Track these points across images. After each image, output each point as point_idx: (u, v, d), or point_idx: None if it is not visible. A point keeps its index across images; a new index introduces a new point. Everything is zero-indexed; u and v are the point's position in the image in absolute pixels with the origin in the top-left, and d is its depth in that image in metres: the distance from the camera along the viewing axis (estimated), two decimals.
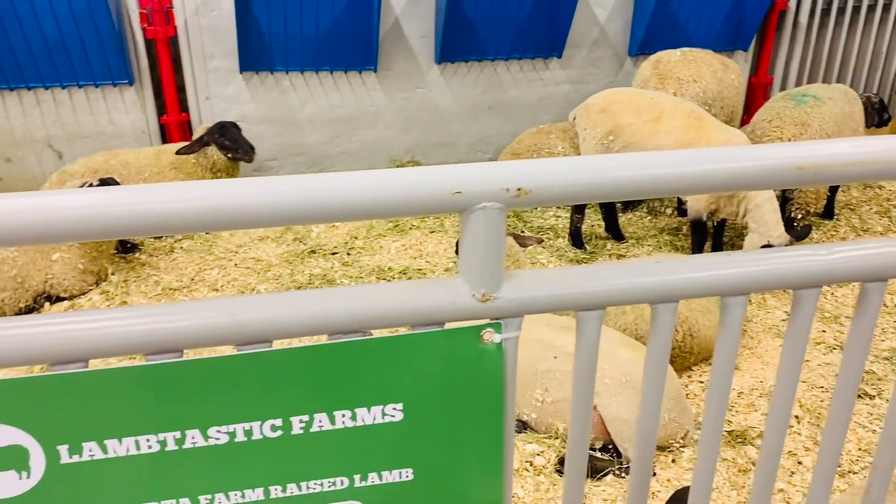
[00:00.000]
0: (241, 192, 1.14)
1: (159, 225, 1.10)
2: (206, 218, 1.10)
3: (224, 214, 1.11)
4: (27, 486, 1.22)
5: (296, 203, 1.14)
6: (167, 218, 1.10)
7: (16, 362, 1.16)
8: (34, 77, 5.31)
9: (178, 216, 1.09)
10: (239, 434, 1.26)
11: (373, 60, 5.78)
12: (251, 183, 1.17)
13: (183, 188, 1.14)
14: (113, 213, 1.09)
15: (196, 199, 1.13)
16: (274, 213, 1.14)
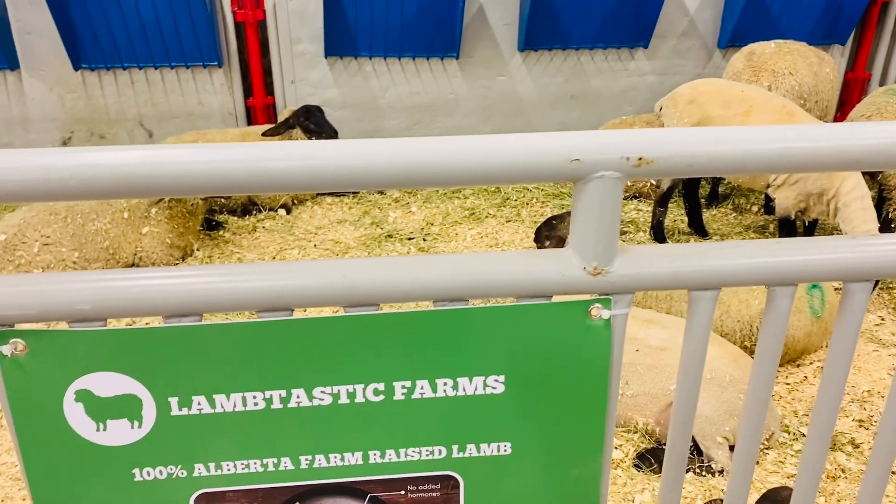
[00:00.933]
0: (359, 152, 1.13)
1: (283, 182, 1.11)
2: (332, 175, 1.10)
3: (342, 174, 1.11)
4: (138, 436, 1.25)
5: (410, 165, 1.13)
6: (290, 175, 1.10)
7: (133, 313, 1.18)
8: (130, 57, 5.50)
9: (301, 173, 1.10)
10: (342, 396, 1.26)
11: (455, 47, 5.77)
12: (364, 144, 1.16)
13: (300, 146, 1.14)
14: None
15: (313, 158, 1.13)
16: (390, 174, 1.13)
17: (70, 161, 1.07)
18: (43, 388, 1.20)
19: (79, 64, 5.51)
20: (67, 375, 1.20)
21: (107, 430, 1.24)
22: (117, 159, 1.08)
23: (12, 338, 1.17)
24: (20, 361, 1.18)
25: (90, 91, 5.69)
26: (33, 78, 5.60)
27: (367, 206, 5.63)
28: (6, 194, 1.06)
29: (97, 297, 1.15)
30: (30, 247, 4.19)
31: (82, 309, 1.15)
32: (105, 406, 1.22)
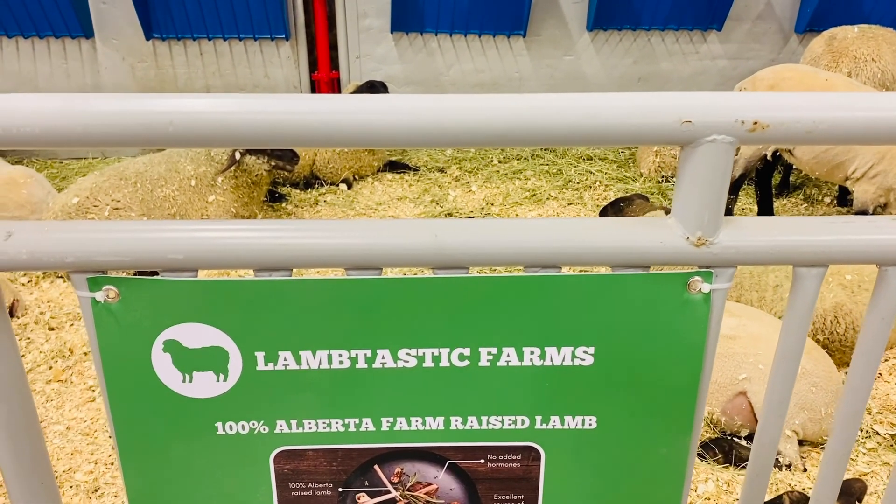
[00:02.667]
0: (462, 106, 1.10)
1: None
2: (443, 129, 1.06)
3: (448, 128, 1.07)
4: (223, 389, 1.25)
5: (514, 123, 1.09)
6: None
7: (223, 265, 1.18)
8: (200, 28, 5.56)
9: (381, 127, 1.06)
10: (427, 359, 1.24)
11: (523, 25, 5.68)
12: (464, 99, 1.12)
13: (391, 100, 1.11)
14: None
15: (402, 111, 1.10)
16: (492, 131, 1.09)
17: (171, 107, 1.06)
18: (132, 336, 1.20)
19: (150, 34, 5.59)
20: (157, 324, 1.20)
21: (192, 382, 1.24)
22: (217, 107, 1.07)
23: (105, 284, 1.17)
24: (111, 308, 1.18)
25: (160, 61, 5.78)
26: (106, 47, 5.71)
27: (427, 183, 5.61)
28: (105, 137, 1.06)
29: (190, 247, 1.15)
30: (101, 210, 4.29)
31: (175, 258, 1.15)
32: (192, 357, 1.22)
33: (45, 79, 5.77)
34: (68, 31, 5.54)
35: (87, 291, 1.17)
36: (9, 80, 5.74)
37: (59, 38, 5.60)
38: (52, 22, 5.45)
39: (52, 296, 4.14)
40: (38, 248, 1.13)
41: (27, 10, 5.35)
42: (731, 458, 3.03)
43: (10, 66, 5.71)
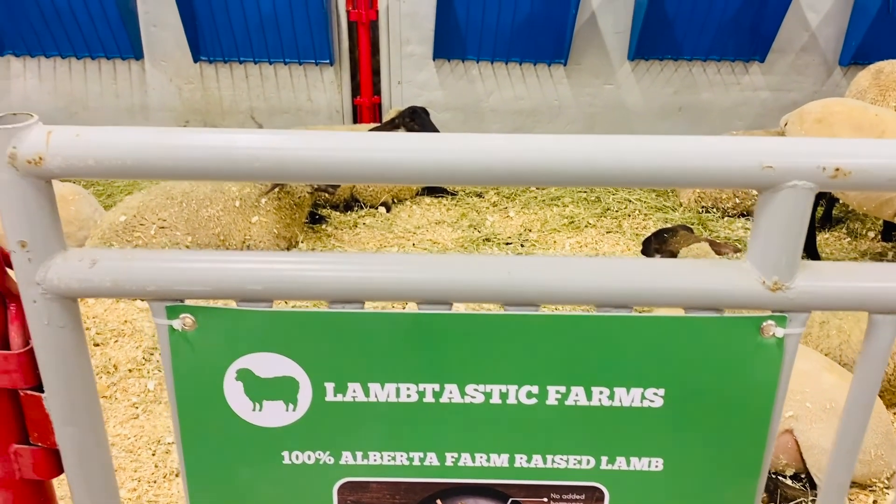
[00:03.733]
0: (539, 147, 1.11)
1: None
2: (517, 168, 1.07)
3: (527, 167, 1.08)
4: (292, 419, 1.26)
5: (593, 163, 1.10)
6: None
7: (299, 296, 1.19)
8: (246, 52, 5.68)
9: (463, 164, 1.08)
10: (495, 396, 1.24)
11: (564, 54, 5.71)
12: (540, 140, 1.14)
13: (460, 139, 1.12)
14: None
15: (490, 151, 1.12)
16: (573, 172, 1.10)
17: (256, 143, 1.08)
18: (206, 363, 1.23)
19: (198, 56, 5.72)
20: (231, 353, 1.22)
21: (262, 411, 1.25)
22: (300, 144, 1.09)
23: (182, 312, 1.20)
24: (188, 336, 1.21)
25: (206, 83, 5.90)
26: (155, 68, 5.85)
27: (465, 208, 5.63)
28: (193, 171, 1.08)
29: (267, 278, 1.17)
30: (147, 228, 4.37)
31: (253, 289, 1.17)
32: (263, 386, 1.24)
33: (95, 98, 5.92)
34: (119, 53, 5.69)
35: (165, 319, 1.20)
36: (61, 99, 5.90)
37: (111, 59, 5.75)
38: (105, 44, 5.60)
39: (97, 311, 4.22)
40: (121, 276, 1.16)
41: (81, 32, 5.51)
42: (777, 497, 2.97)
43: (63, 86, 5.87)
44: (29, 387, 1.27)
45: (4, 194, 1.10)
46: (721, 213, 5.51)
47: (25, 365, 1.25)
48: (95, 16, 5.41)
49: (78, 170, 1.08)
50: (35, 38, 5.58)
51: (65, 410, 1.26)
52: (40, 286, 1.15)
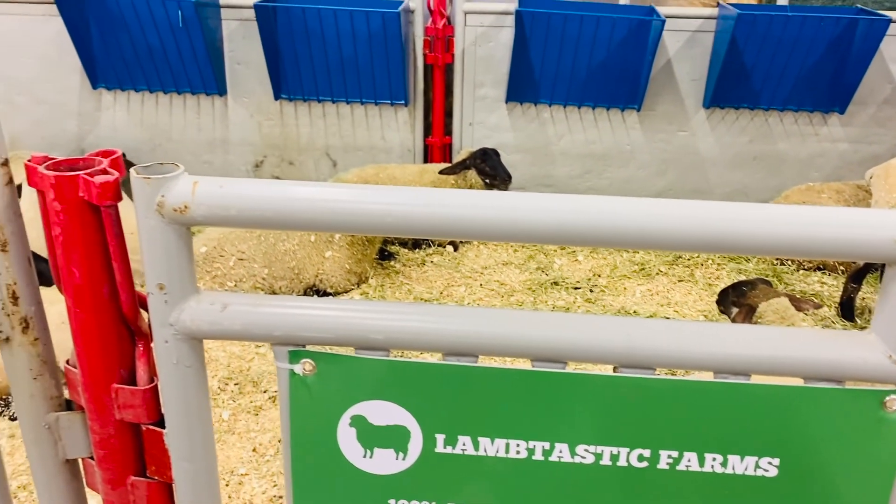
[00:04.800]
0: (658, 213, 1.12)
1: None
2: (645, 233, 1.09)
3: (655, 233, 1.10)
4: (401, 467, 1.28)
5: (723, 231, 1.10)
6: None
7: (416, 347, 1.22)
8: (325, 91, 5.84)
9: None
10: (605, 457, 1.24)
11: (638, 99, 5.71)
12: (666, 204, 1.15)
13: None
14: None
15: (588, 212, 1.13)
16: (692, 237, 1.11)
17: (390, 199, 1.12)
18: (323, 408, 1.26)
19: (279, 94, 5.91)
20: (347, 399, 1.25)
21: (373, 458, 1.28)
22: (430, 201, 1.12)
23: (304, 357, 1.23)
24: (307, 381, 1.24)
25: (286, 120, 6.09)
26: (237, 104, 6.07)
27: (532, 251, 5.63)
28: (330, 224, 1.13)
29: (387, 328, 1.20)
30: (226, 260, 4.50)
31: (374, 338, 1.20)
32: (376, 434, 1.26)
33: (178, 131, 6.16)
34: (204, 89, 5.92)
35: (287, 363, 1.24)
36: (146, 130, 6.16)
37: (196, 94, 5.99)
38: (191, 79, 5.84)
39: None
40: (249, 320, 1.21)
41: (170, 68, 5.76)
42: None
43: (149, 118, 6.13)
44: (151, 422, 1.32)
45: (149, 239, 1.16)
46: (796, 266, 5.38)
47: (150, 401, 1.31)
48: (185, 53, 5.66)
49: (220, 219, 1.14)
50: (126, 72, 5.86)
51: (183, 447, 1.30)
52: (173, 327, 1.21)
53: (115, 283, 1.23)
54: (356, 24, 5.37)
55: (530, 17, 5.35)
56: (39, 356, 1.33)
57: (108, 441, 1.33)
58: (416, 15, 5.64)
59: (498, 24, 5.70)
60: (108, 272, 1.23)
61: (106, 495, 1.40)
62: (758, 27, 5.27)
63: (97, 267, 1.21)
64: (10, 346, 1.30)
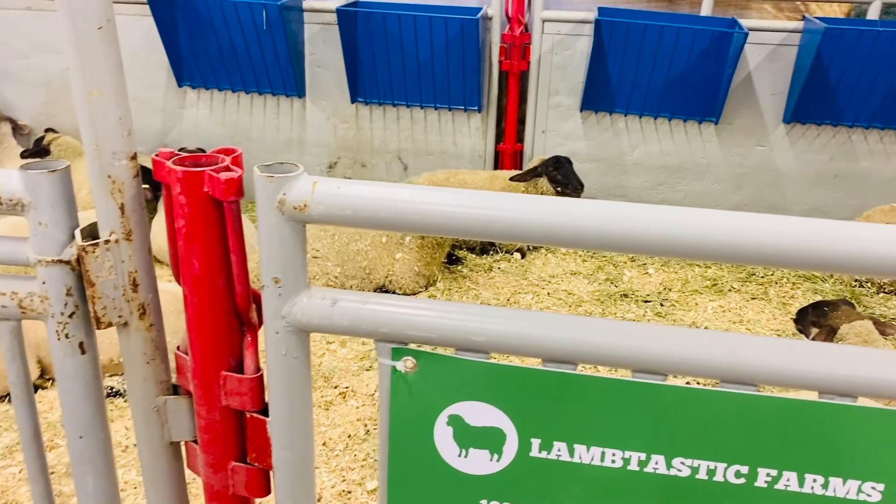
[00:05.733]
0: (753, 227, 1.11)
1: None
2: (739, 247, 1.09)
3: (749, 247, 1.09)
4: (494, 468, 1.30)
5: (820, 248, 1.09)
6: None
7: (517, 352, 1.24)
8: (401, 96, 5.93)
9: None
10: (701, 471, 1.23)
11: (716, 112, 5.62)
12: (760, 219, 1.14)
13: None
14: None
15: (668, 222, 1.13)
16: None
17: (495, 205, 1.15)
18: (421, 405, 1.29)
19: (355, 98, 6.02)
20: (445, 399, 1.28)
21: (467, 458, 1.30)
22: (554, 210, 1.15)
23: (406, 355, 1.27)
24: (408, 378, 1.28)
25: (360, 123, 6.20)
26: (315, 106, 6.20)
27: (602, 261, 5.59)
28: (444, 227, 1.16)
29: (490, 331, 1.22)
30: None
31: (476, 340, 1.22)
32: (472, 434, 1.29)
33: (257, 130, 6.34)
34: (284, 90, 6.08)
35: (389, 360, 1.27)
36: (227, 129, 6.35)
37: (276, 95, 6.15)
38: (272, 81, 6.00)
39: None
40: (357, 316, 1.25)
41: (253, 69, 5.93)
42: None
43: (230, 118, 6.33)
44: (255, 410, 1.38)
45: (268, 235, 1.21)
46: (876, 289, 5.20)
47: (255, 390, 1.36)
48: (267, 55, 5.82)
49: (336, 218, 1.19)
50: (211, 72, 6.06)
51: (285, 435, 1.35)
52: (285, 319, 1.26)
53: (230, 276, 1.29)
54: (435, 29, 5.43)
55: (609, 27, 5.32)
56: (153, 341, 1.40)
57: (213, 426, 1.40)
58: (494, 22, 5.67)
59: (575, 33, 5.69)
60: (225, 265, 1.29)
61: (207, 478, 1.46)
62: (845, 42, 5.12)
63: (215, 259, 1.27)
64: (127, 331, 1.38)
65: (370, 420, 3.63)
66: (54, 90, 6.49)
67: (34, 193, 1.28)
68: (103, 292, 1.30)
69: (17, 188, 1.28)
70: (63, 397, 1.43)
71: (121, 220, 1.29)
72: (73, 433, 1.46)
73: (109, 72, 1.21)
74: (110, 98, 1.22)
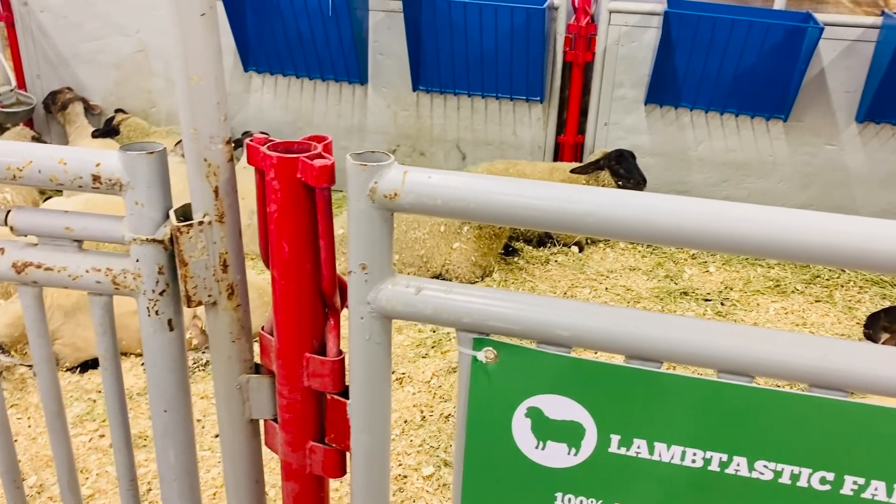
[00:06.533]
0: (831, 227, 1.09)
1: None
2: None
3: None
4: (571, 462, 1.30)
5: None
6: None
7: (601, 348, 1.24)
8: (462, 85, 5.92)
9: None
10: (785, 475, 1.22)
11: (786, 109, 5.47)
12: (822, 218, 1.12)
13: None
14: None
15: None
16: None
17: (592, 200, 1.14)
18: (500, 397, 1.30)
19: (417, 86, 6.04)
20: (525, 391, 1.28)
21: (545, 450, 1.31)
22: (630, 204, 1.14)
23: (487, 346, 1.28)
24: (488, 369, 1.29)
25: (421, 111, 6.22)
26: (376, 94, 6.25)
27: (662, 257, 5.51)
28: (525, 219, 1.16)
29: (574, 325, 1.22)
30: None
31: (560, 334, 1.22)
32: (550, 427, 1.29)
33: (319, 116, 6.42)
34: (347, 77, 6.13)
35: (470, 350, 1.28)
36: (290, 114, 6.45)
37: (339, 82, 6.21)
38: (336, 68, 6.06)
39: None
40: (440, 305, 1.26)
41: (318, 56, 6.00)
42: None
43: (293, 103, 6.42)
44: (335, 392, 1.41)
45: (357, 221, 1.23)
46: None
47: (336, 372, 1.39)
48: (332, 42, 5.88)
49: (425, 207, 1.20)
50: (276, 57, 6.15)
51: (364, 418, 1.38)
52: (370, 305, 1.28)
53: (318, 260, 1.32)
54: (500, 19, 5.41)
55: (679, 19, 5.21)
56: (239, 321, 1.44)
57: (294, 406, 1.43)
58: (560, 12, 5.61)
59: (643, 25, 5.60)
60: (313, 249, 1.31)
61: (285, 456, 1.50)
62: None
63: (304, 244, 1.30)
64: (215, 310, 1.42)
65: (426, 406, 3.66)
66: (124, 72, 6.67)
67: (132, 174, 1.32)
68: (195, 272, 1.34)
69: (117, 168, 1.33)
70: (150, 372, 1.48)
71: (214, 202, 1.32)
72: (157, 407, 1.51)
73: (209, 58, 1.25)
74: (209, 83, 1.26)
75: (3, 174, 1.37)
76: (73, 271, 1.42)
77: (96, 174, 1.33)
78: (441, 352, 4.15)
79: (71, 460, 1.69)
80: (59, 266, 1.43)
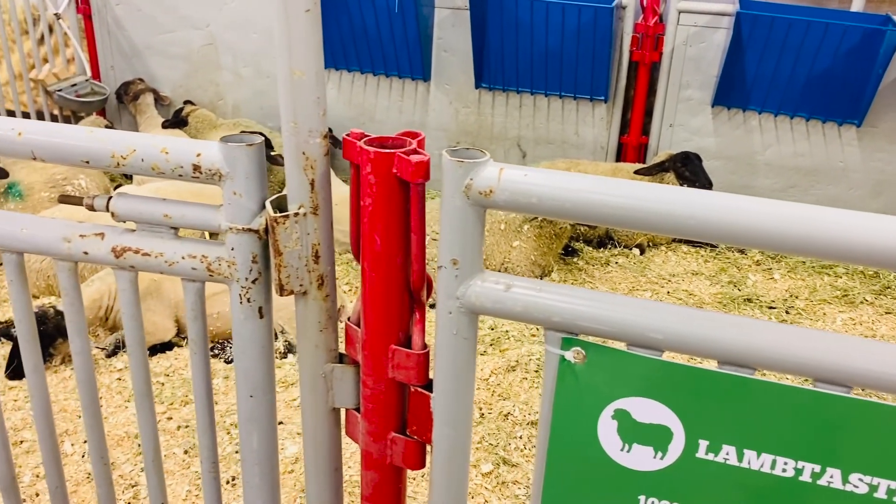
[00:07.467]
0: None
1: None
2: None
3: None
4: (657, 466, 1.30)
5: None
6: None
7: (693, 352, 1.23)
8: (526, 83, 5.91)
9: None
10: (881, 490, 1.19)
11: (860, 114, 5.31)
12: None
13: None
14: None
15: None
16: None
17: (689, 201, 1.13)
18: (587, 397, 1.30)
19: (480, 83, 6.05)
20: (612, 392, 1.28)
21: (630, 453, 1.30)
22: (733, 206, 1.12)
23: (576, 346, 1.28)
24: (575, 369, 1.29)
25: (482, 108, 6.22)
26: (438, 90, 6.27)
27: (725, 262, 5.41)
28: (629, 221, 1.16)
29: (668, 329, 1.21)
30: None
31: (653, 337, 1.22)
32: (637, 430, 1.29)
33: (382, 111, 6.48)
34: (410, 73, 6.17)
35: (558, 349, 1.29)
36: (353, 109, 6.52)
37: (402, 78, 6.26)
38: (400, 64, 6.11)
39: None
40: (530, 303, 1.26)
41: (383, 52, 6.06)
42: None
43: (356, 98, 6.49)
44: (419, 384, 1.43)
45: (450, 217, 1.25)
46: None
47: (421, 365, 1.41)
48: (397, 38, 5.92)
49: (520, 205, 1.20)
50: (342, 53, 6.22)
51: (447, 412, 1.39)
52: (459, 300, 1.29)
53: (408, 255, 1.33)
54: (567, 17, 5.37)
55: (751, 20, 5.10)
56: (327, 311, 1.47)
57: (378, 396, 1.45)
58: (628, 11, 5.55)
59: (713, 25, 5.49)
60: (403, 244, 1.33)
61: (366, 446, 1.52)
62: None
63: (395, 238, 1.32)
64: (305, 300, 1.45)
65: (485, 404, 3.67)
66: (194, 64, 6.83)
67: (232, 165, 1.36)
68: (289, 262, 1.38)
69: (217, 159, 1.37)
70: (238, 358, 1.52)
71: (310, 194, 1.35)
72: (244, 392, 1.55)
73: (312, 53, 1.28)
74: (311, 79, 1.29)
75: (108, 161, 1.43)
76: (170, 257, 1.47)
77: (197, 164, 1.38)
78: (500, 350, 4.15)
79: (155, 438, 1.75)
80: (157, 252, 1.48)
